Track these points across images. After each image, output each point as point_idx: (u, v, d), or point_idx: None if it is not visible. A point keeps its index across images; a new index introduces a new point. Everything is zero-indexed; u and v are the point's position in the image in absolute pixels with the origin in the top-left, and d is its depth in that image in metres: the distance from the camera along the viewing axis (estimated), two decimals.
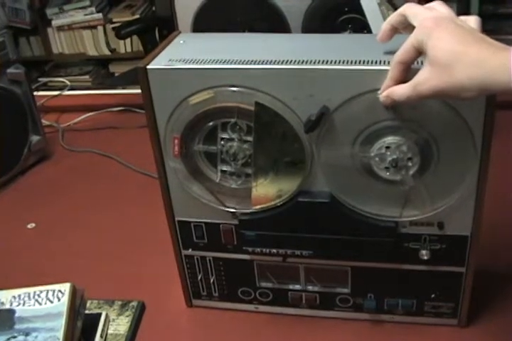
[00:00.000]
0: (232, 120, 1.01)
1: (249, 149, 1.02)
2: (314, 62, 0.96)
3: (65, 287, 1.15)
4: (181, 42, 1.10)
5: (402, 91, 0.88)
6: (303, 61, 0.97)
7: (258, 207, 1.07)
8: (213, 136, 1.04)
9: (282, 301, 1.21)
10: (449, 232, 1.06)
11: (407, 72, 0.88)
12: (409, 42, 0.85)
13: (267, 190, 1.05)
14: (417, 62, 0.87)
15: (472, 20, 0.88)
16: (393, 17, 0.92)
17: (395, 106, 0.93)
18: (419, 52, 0.85)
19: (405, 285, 1.14)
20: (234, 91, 0.98)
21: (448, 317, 1.17)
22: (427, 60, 0.83)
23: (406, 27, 0.91)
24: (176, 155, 1.06)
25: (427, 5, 0.91)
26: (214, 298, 1.24)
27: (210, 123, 1.02)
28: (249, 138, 1.02)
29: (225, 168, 1.06)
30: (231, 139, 1.03)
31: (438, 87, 0.82)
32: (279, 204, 1.06)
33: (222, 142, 1.03)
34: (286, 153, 1.01)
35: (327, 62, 0.96)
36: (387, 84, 0.91)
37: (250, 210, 1.08)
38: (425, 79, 0.83)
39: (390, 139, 0.97)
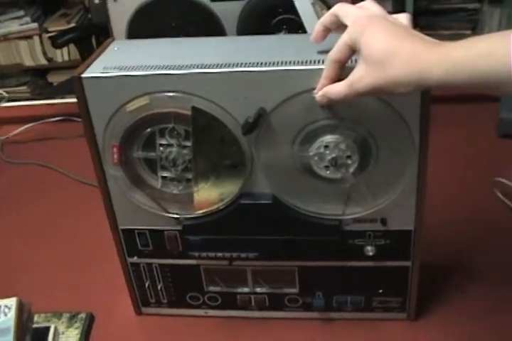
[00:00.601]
0: (170, 125, 1.00)
1: (189, 154, 1.02)
2: (249, 65, 0.96)
3: (12, 302, 1.14)
4: (115, 49, 1.09)
5: (338, 89, 0.88)
6: (238, 64, 0.96)
7: (201, 211, 1.07)
8: (152, 143, 1.03)
9: (231, 304, 1.21)
10: (393, 227, 1.07)
11: (341, 71, 0.89)
12: (343, 40, 0.86)
13: (209, 194, 1.05)
14: (351, 61, 0.88)
15: (403, 17, 0.89)
16: (326, 17, 0.92)
17: (331, 105, 0.93)
18: (353, 50, 0.85)
19: (353, 282, 1.15)
20: (170, 96, 0.98)
21: (397, 312, 1.18)
22: (361, 57, 0.83)
23: (339, 27, 0.91)
24: (116, 163, 1.05)
25: (359, 4, 0.91)
26: (163, 305, 1.23)
27: (148, 130, 1.02)
28: (188, 143, 1.01)
29: (165, 174, 1.05)
30: (170, 145, 1.02)
31: (374, 83, 0.82)
32: (221, 208, 1.06)
33: (161, 148, 1.03)
34: (225, 156, 1.01)
35: (262, 63, 0.96)
36: (322, 83, 0.91)
37: (193, 215, 1.08)
38: (361, 77, 0.84)
39: (328, 138, 0.98)
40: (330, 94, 0.90)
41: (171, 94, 0.98)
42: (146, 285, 1.21)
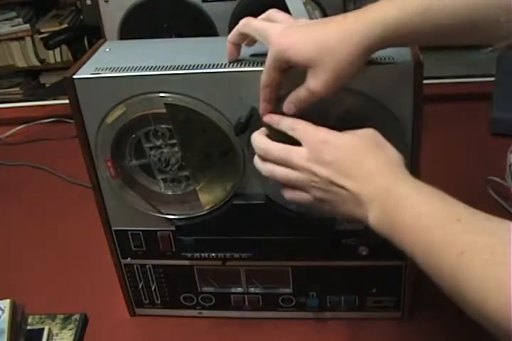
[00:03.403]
0: (151, 127, 1.00)
1: (179, 151, 1.02)
2: (241, 65, 0.96)
3: (5, 303, 1.13)
4: (107, 50, 1.09)
5: (303, 96, 0.87)
6: (230, 64, 0.97)
7: (208, 206, 1.06)
8: (143, 149, 1.03)
9: (225, 305, 1.21)
10: None
11: (278, 90, 0.89)
12: (268, 65, 0.86)
13: (212, 187, 1.04)
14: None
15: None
16: (233, 36, 0.95)
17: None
18: (281, 70, 0.86)
19: (346, 281, 1.15)
20: (143, 99, 0.98)
21: (391, 311, 1.18)
22: (302, 69, 0.84)
23: (249, 40, 0.94)
24: (114, 177, 1.05)
25: (263, 16, 0.94)
26: (157, 306, 1.23)
27: (133, 136, 1.02)
28: (174, 141, 1.01)
29: (164, 176, 1.05)
30: (158, 147, 1.02)
31: (329, 82, 0.83)
32: (214, 209, 1.06)
33: (151, 152, 1.03)
34: (213, 145, 1.00)
35: (253, 63, 0.96)
36: (264, 108, 0.91)
37: (187, 216, 1.07)
38: (315, 82, 0.84)
39: None
40: (297, 102, 0.88)
41: (163, 94, 0.97)
42: (140, 286, 1.20)
